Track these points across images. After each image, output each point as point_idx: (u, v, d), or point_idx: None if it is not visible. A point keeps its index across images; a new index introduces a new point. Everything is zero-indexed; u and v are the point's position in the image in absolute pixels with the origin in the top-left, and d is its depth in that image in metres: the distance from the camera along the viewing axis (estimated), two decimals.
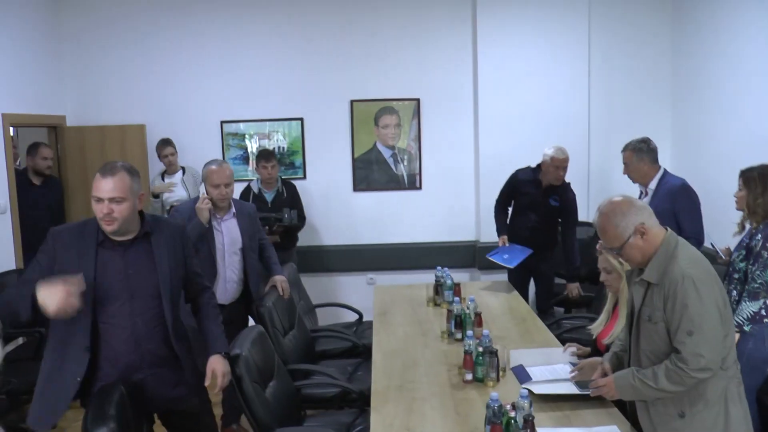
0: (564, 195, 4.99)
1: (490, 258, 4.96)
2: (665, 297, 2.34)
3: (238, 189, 5.74)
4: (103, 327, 2.63)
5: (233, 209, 4.10)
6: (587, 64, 5.96)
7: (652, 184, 4.26)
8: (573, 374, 2.93)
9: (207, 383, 2.82)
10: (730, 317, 2.40)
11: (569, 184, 5.03)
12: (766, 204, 3.35)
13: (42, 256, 2.65)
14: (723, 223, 4.02)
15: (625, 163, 4.36)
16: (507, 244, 5.03)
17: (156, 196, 5.67)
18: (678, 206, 4.08)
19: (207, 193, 3.95)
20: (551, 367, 3.17)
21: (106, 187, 2.57)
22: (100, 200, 2.58)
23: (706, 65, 5.36)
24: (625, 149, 4.37)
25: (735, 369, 2.42)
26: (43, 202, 5.45)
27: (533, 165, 5.05)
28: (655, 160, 4.29)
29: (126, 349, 2.66)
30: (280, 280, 4.20)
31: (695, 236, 4.03)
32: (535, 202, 5.00)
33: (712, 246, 4.01)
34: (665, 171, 4.30)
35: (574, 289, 5.06)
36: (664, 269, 2.36)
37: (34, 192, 5.40)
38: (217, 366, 2.81)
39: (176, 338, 2.75)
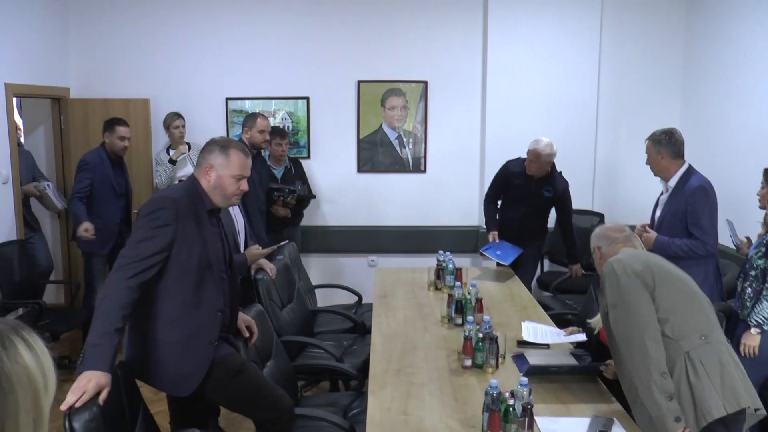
0: (556, 184, 4.93)
1: (484, 252, 4.94)
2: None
3: None
4: None
5: None
6: (598, 52, 5.89)
7: (672, 182, 3.89)
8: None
9: (246, 335, 3.01)
10: (679, 296, 2.53)
11: (560, 172, 4.98)
12: None
13: (165, 229, 2.54)
14: (731, 216, 3.99)
15: (645, 153, 4.03)
16: (497, 240, 4.99)
17: (173, 162, 5.61)
18: (689, 209, 3.74)
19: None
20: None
21: (248, 165, 2.78)
22: (242, 178, 2.76)
23: (719, 57, 5.29)
24: (647, 139, 4.01)
25: (696, 340, 2.47)
26: (265, 178, 5.18)
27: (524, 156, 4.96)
28: (678, 155, 3.88)
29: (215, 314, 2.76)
30: (265, 264, 4.09)
31: (704, 238, 3.69)
32: (527, 194, 4.93)
33: (731, 228, 3.92)
34: (689, 168, 3.89)
35: (578, 270, 5.14)
36: None
37: (258, 167, 5.04)
38: (247, 318, 3.06)
39: (234, 301, 2.90)
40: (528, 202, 4.95)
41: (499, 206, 5.20)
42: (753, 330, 3.31)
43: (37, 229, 5.54)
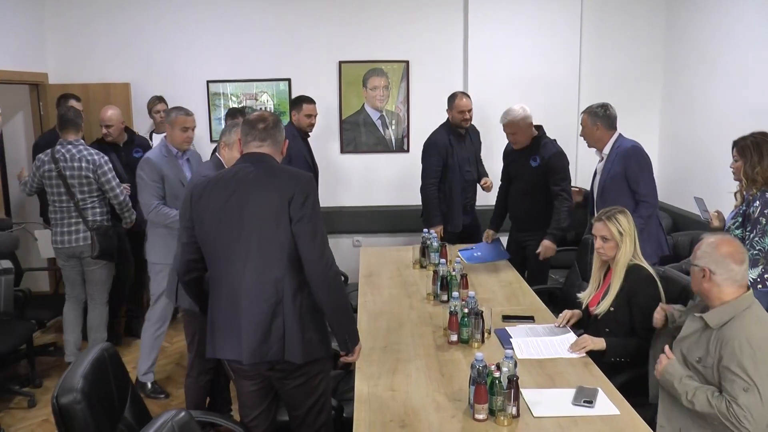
0: (542, 152, 4.53)
1: (460, 254, 4.27)
2: (721, 349, 2.39)
3: None
4: None
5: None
6: (579, 30, 5.90)
7: (606, 149, 4.23)
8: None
9: None
10: None
11: (554, 140, 4.69)
12: (765, 171, 3.33)
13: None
14: (710, 189, 4.03)
15: (581, 126, 4.33)
16: (489, 241, 4.72)
17: None
18: (629, 170, 4.07)
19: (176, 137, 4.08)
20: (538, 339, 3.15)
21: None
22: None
23: (700, 35, 5.32)
24: (583, 112, 4.35)
25: None
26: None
27: None
28: (612, 126, 4.22)
29: None
30: None
31: (647, 198, 4.06)
32: (519, 168, 4.67)
33: (700, 205, 4.00)
34: (620, 135, 4.24)
35: (548, 247, 4.42)
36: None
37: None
38: None
39: None
40: (522, 177, 4.65)
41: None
42: None
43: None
